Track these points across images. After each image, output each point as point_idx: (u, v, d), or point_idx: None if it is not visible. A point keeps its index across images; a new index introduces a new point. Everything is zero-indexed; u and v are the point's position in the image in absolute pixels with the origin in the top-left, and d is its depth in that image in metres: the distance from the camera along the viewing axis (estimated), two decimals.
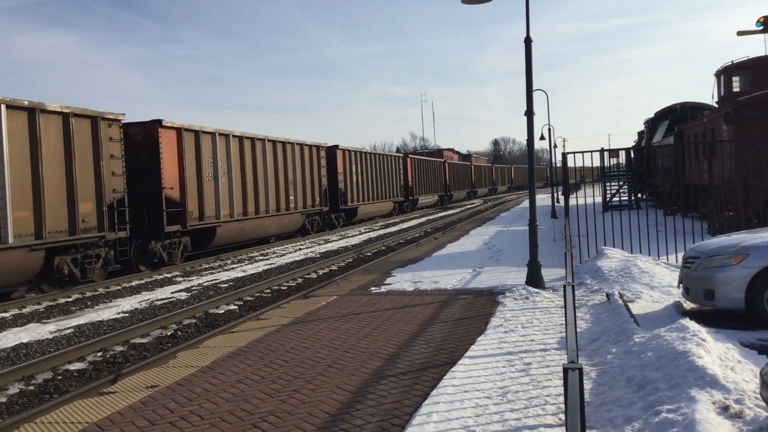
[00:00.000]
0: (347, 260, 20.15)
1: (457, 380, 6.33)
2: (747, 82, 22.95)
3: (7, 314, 13.19)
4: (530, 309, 9.83)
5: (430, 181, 54.28)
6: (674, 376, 5.40)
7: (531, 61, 11.87)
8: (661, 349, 6.08)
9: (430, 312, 10.01)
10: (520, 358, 7.06)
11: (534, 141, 12.64)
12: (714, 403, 4.87)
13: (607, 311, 9.14)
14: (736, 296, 8.31)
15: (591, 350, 7.38)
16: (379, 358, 7.40)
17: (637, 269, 11.75)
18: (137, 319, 12.21)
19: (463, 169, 71.40)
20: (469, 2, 11.21)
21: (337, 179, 33.16)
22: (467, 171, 73.39)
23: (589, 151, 15.52)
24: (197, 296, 14.45)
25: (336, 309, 10.67)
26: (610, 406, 5.37)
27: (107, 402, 6.41)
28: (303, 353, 7.84)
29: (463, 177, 70.46)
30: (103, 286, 16.43)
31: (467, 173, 73.14)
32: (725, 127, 20.14)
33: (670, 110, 31.99)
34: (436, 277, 13.72)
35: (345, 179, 34.23)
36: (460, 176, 68.42)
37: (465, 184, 71.23)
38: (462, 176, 69.73)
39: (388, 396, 6.06)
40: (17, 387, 8.27)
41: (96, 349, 9.90)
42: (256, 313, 11.83)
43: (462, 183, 69.32)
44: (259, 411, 5.84)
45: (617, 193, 31.93)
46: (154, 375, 7.40)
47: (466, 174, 72.25)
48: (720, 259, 8.56)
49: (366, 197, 37.57)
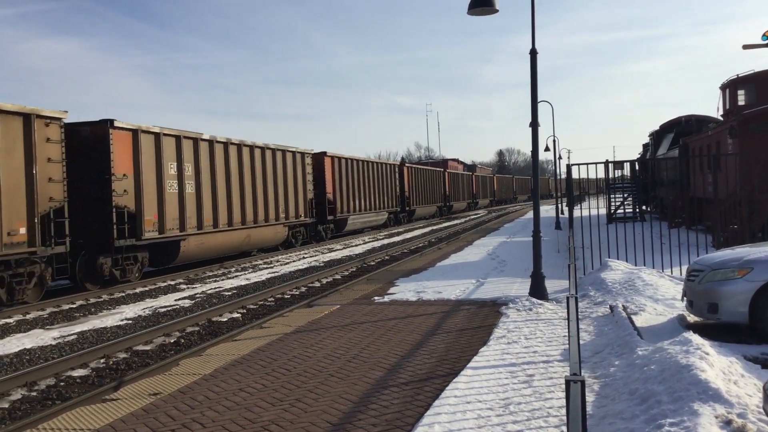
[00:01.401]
0: (351, 269, 20.15)
1: (460, 391, 6.32)
2: (752, 95, 22.97)
3: (11, 320, 13.22)
4: (533, 320, 9.81)
5: (428, 191, 52.84)
6: (677, 390, 5.38)
7: (536, 73, 11.91)
8: (664, 362, 6.07)
9: (433, 322, 10.00)
10: (522, 370, 7.04)
11: (539, 152, 12.65)
12: (717, 417, 4.85)
13: (610, 323, 9.12)
14: (740, 310, 8.28)
15: (594, 362, 7.37)
16: (382, 368, 7.40)
17: (641, 282, 11.73)
18: (140, 326, 12.23)
19: (464, 179, 69.68)
20: (475, 14, 11.26)
21: (325, 188, 31.09)
22: (468, 181, 71.84)
23: (593, 163, 15.48)
24: (200, 304, 14.47)
25: (339, 318, 10.67)
26: (613, 419, 5.36)
27: (110, 409, 6.42)
28: (306, 362, 7.84)
29: (464, 187, 69.07)
30: (107, 292, 16.43)
31: (468, 183, 71.61)
32: (730, 140, 20.14)
33: (675, 123, 32.01)
34: (439, 287, 13.71)
35: (334, 188, 32.13)
36: (460, 186, 66.78)
37: (466, 194, 69.67)
38: (463, 187, 68.21)
39: (391, 406, 6.06)
40: (20, 393, 8.28)
41: (99, 356, 9.91)
42: (259, 322, 11.83)
43: (463, 194, 67.82)
44: (261, 420, 5.84)
45: (622, 205, 31.92)
46: (157, 382, 7.40)
47: (467, 184, 70.64)
48: (724, 273, 8.54)
49: (357, 207, 35.48)
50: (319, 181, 30.53)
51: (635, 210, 31.08)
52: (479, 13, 11.26)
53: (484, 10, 11.17)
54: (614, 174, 42.07)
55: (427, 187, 52.72)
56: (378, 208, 39.35)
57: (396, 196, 43.63)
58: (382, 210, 40.38)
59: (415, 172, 49.08)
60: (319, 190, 30.52)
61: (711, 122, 27.78)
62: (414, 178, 48.36)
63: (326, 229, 32.04)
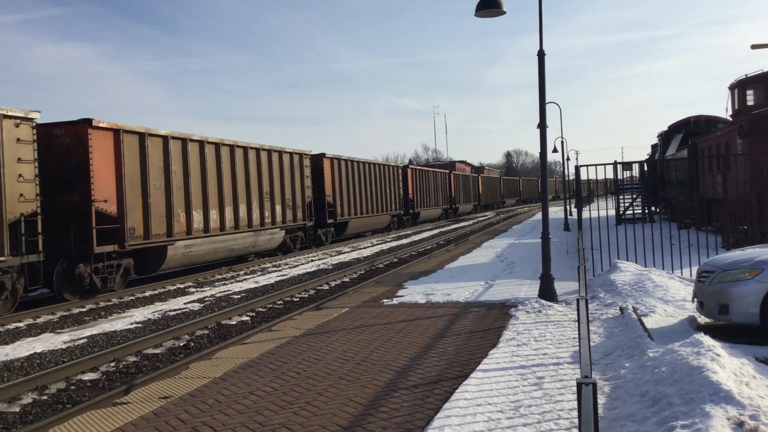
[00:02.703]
0: (359, 272, 20.16)
1: (470, 393, 6.31)
2: (761, 95, 22.84)
3: (21, 324, 13.28)
4: (543, 322, 9.78)
5: (433, 193, 51.94)
6: (688, 392, 5.36)
7: (544, 74, 11.89)
8: (675, 364, 6.04)
9: (443, 324, 9.99)
10: (533, 372, 7.03)
11: (547, 153, 12.63)
12: (729, 419, 4.82)
13: (620, 325, 9.09)
14: (751, 311, 8.25)
15: (604, 365, 7.34)
16: (392, 371, 7.39)
17: (650, 283, 11.68)
18: (150, 329, 12.27)
19: (471, 181, 69.27)
20: (482, 15, 11.26)
21: (325, 191, 30.10)
22: (475, 183, 71.48)
23: (602, 164, 15.43)
24: (210, 307, 14.50)
25: (348, 321, 10.68)
26: (624, 421, 5.34)
27: (120, 413, 6.44)
28: (315, 365, 7.84)
29: (471, 189, 68.78)
30: (117, 296, 16.49)
31: (475, 185, 71.21)
32: (739, 141, 20.04)
33: (683, 123, 31.87)
34: (448, 289, 13.70)
35: (333, 190, 31.05)
36: (467, 188, 66.28)
37: (473, 196, 69.38)
38: (470, 189, 67.57)
39: (401, 409, 6.05)
40: (31, 397, 8.32)
41: (109, 360, 9.95)
42: (268, 325, 11.85)
43: (469, 196, 67.46)
44: (271, 423, 5.85)
45: (630, 206, 31.81)
46: (167, 386, 7.42)
47: (474, 186, 70.31)
48: (735, 274, 8.50)
49: (359, 210, 34.28)
50: (318, 183, 29.57)
51: (644, 211, 30.98)
52: (487, 15, 11.28)
53: (492, 12, 11.18)
54: (623, 175, 41.96)
55: (432, 190, 51.70)
56: (381, 211, 37.96)
57: (400, 199, 42.62)
58: (385, 213, 38.99)
59: (420, 174, 48.14)
60: (319, 192, 29.66)
61: (720, 122, 27.64)
62: (418, 180, 47.44)
63: (326, 232, 31.01)
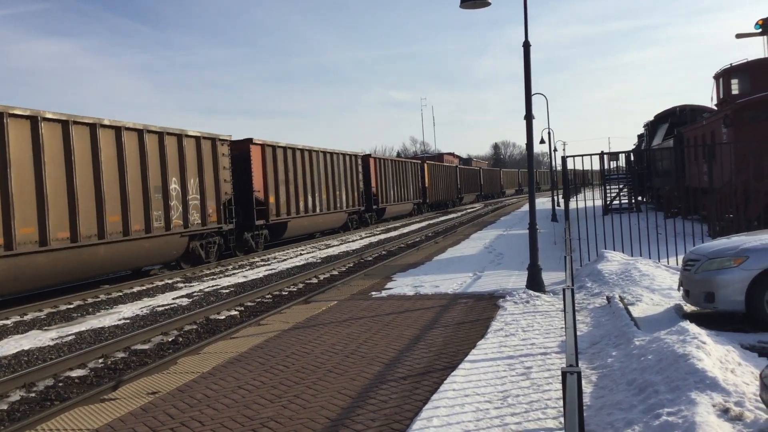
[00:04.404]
0: (348, 265, 20.16)
1: (458, 384, 6.33)
2: (746, 84, 22.96)
3: (8, 321, 13.20)
4: (531, 313, 9.83)
5: (401, 187, 48.33)
6: (674, 379, 5.40)
7: (530, 65, 11.90)
8: (661, 352, 6.09)
9: (431, 316, 10.01)
10: (520, 362, 7.06)
11: (534, 145, 12.65)
12: (714, 406, 4.87)
13: (607, 314, 9.14)
14: (737, 299, 8.31)
15: (592, 353, 7.39)
16: (380, 363, 7.40)
17: (637, 272, 11.75)
18: (138, 325, 12.22)
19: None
20: (467, 7, 11.24)
21: (371, 183, 37.97)
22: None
23: (589, 155, 15.48)
24: (198, 302, 14.46)
25: (337, 314, 10.68)
26: (611, 409, 5.38)
27: (108, 408, 6.41)
28: (304, 358, 7.84)
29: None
30: (104, 292, 16.43)
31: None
32: (725, 130, 20.16)
33: (669, 113, 32.02)
34: (436, 281, 13.73)
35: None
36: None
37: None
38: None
39: (389, 401, 6.07)
40: (18, 394, 8.28)
41: (97, 356, 9.91)
42: (256, 319, 11.84)
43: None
44: (260, 417, 5.85)
45: (617, 196, 31.96)
46: (155, 381, 7.40)
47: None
48: (720, 262, 8.56)
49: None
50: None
51: (631, 201, 31.13)
52: (471, 6, 11.26)
53: (476, 3, 11.16)
54: (609, 165, 42.06)
55: (401, 183, 46.60)
56: (334, 208, 32.85)
57: (360, 193, 36.87)
58: (340, 210, 33.74)
59: (385, 165, 43.07)
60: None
61: (705, 112, 27.79)
62: (383, 173, 42.21)
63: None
